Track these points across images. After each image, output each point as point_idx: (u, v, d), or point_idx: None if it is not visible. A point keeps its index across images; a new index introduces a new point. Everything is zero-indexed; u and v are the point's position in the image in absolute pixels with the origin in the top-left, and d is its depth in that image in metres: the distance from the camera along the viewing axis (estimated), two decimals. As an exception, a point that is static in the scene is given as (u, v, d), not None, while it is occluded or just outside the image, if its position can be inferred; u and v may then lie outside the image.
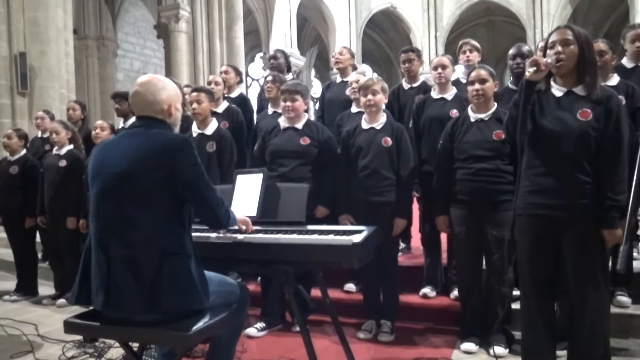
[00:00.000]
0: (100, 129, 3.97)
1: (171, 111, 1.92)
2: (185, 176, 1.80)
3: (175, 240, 1.79)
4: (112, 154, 1.85)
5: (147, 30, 14.13)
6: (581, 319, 2.08)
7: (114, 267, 1.74)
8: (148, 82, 1.92)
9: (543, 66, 2.02)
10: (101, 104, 12.18)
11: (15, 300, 4.31)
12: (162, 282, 1.72)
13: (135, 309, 1.74)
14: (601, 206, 2.03)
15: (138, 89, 1.92)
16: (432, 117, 3.27)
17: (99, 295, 1.76)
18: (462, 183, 2.70)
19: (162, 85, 1.93)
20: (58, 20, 7.60)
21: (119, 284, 1.73)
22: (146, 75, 1.99)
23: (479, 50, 3.88)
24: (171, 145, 1.80)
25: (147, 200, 1.76)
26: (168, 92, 1.93)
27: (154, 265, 1.72)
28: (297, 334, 2.90)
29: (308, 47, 18.91)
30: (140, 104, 1.91)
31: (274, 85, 3.82)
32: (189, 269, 1.79)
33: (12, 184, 4.42)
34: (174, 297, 1.73)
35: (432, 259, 3.38)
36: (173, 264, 1.75)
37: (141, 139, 1.83)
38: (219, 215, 1.92)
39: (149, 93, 1.90)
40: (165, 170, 1.77)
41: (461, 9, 17.36)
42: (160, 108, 1.90)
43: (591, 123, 2.05)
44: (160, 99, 1.90)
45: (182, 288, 1.76)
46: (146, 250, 1.74)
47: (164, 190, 1.77)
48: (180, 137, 1.90)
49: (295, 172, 3.02)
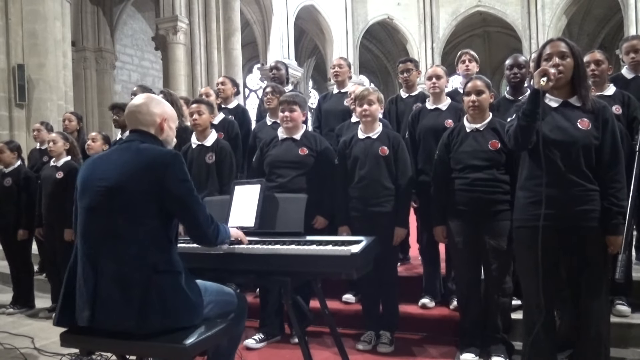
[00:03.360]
0: (92, 140, 3.96)
1: (163, 126, 1.92)
2: (175, 191, 1.78)
3: (165, 257, 1.78)
4: (102, 168, 1.83)
5: (145, 42, 14.21)
6: (583, 327, 2.08)
7: (102, 283, 1.72)
8: (144, 97, 1.95)
9: (552, 76, 2.02)
10: (99, 115, 12.20)
11: (11, 313, 4.28)
12: (152, 300, 1.70)
13: (123, 325, 1.71)
14: (606, 213, 2.04)
15: (134, 102, 1.94)
16: (427, 128, 3.29)
17: (85, 311, 1.74)
18: (459, 193, 2.70)
19: (158, 101, 1.95)
20: (56, 33, 7.64)
21: (106, 299, 1.71)
22: (143, 94, 2.02)
23: (477, 60, 3.93)
24: (161, 160, 1.79)
25: (136, 215, 1.75)
26: (163, 109, 1.94)
27: (143, 282, 1.71)
28: (295, 345, 2.88)
29: (305, 59, 19.03)
30: (134, 116, 1.91)
31: (273, 96, 3.84)
32: (179, 287, 1.77)
33: (6, 196, 4.40)
34: (163, 316, 1.72)
35: (431, 270, 3.37)
36: (162, 282, 1.73)
37: (131, 153, 1.82)
38: (207, 233, 1.90)
39: (144, 105, 1.91)
40: (155, 185, 1.75)
41: (457, 20, 17.52)
42: (152, 120, 1.90)
43: (592, 132, 2.08)
44: (154, 112, 1.90)
45: (172, 307, 1.74)
46: (136, 265, 1.72)
47: (153, 204, 1.76)
48: (171, 152, 1.89)
49: (293, 182, 3.02)
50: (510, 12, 16.83)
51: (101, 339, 1.80)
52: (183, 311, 1.76)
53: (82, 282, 1.77)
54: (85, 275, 1.76)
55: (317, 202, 2.95)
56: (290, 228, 2.37)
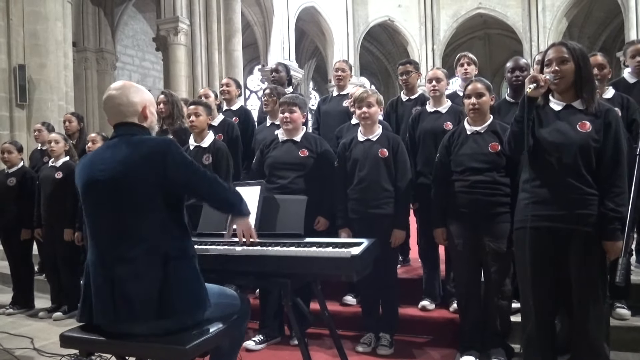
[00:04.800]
0: (92, 142, 3.94)
1: (146, 113, 1.90)
2: (179, 178, 1.79)
3: (176, 244, 1.79)
4: (99, 167, 1.81)
5: (146, 43, 14.22)
6: (582, 331, 2.07)
7: (120, 282, 1.72)
8: (122, 86, 1.90)
9: (542, 82, 2.05)
10: (100, 116, 12.20)
11: (10, 314, 4.28)
12: (171, 286, 1.72)
13: (147, 316, 1.72)
14: (603, 218, 2.03)
15: (111, 92, 1.89)
16: (426, 130, 3.29)
17: (107, 311, 1.74)
18: (459, 195, 2.70)
19: (135, 89, 1.92)
20: (57, 33, 7.65)
21: (126, 294, 1.72)
22: (119, 81, 1.98)
23: (476, 63, 3.92)
24: (158, 149, 1.78)
25: (142, 208, 1.75)
26: (141, 96, 1.91)
27: (159, 273, 1.72)
28: (295, 347, 2.88)
29: (306, 60, 19.04)
30: (115, 109, 1.88)
31: (270, 98, 3.84)
32: (195, 270, 1.80)
33: (9, 196, 4.40)
34: (185, 297, 1.74)
35: (430, 272, 3.37)
36: (178, 268, 1.75)
37: (125, 148, 1.79)
38: (229, 199, 1.94)
39: (123, 96, 1.87)
40: (157, 176, 1.75)
41: (458, 22, 17.54)
42: (134, 110, 1.87)
43: (591, 134, 2.07)
44: (134, 101, 1.88)
45: (192, 288, 1.77)
46: (149, 260, 1.73)
47: (158, 195, 1.76)
48: (166, 139, 1.88)
49: (294, 184, 3.02)
50: (511, 14, 16.85)
51: (102, 340, 1.81)
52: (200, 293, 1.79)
53: (100, 283, 1.76)
54: (101, 274, 1.76)
55: (318, 204, 2.95)
56: (290, 230, 2.37)
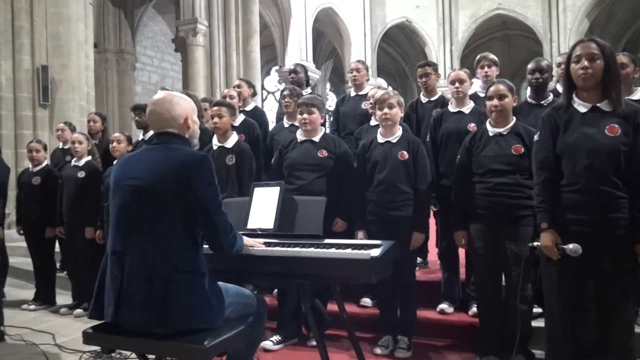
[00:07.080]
0: (117, 142, 3.99)
1: (188, 124, 1.94)
2: (199, 194, 1.80)
3: (188, 258, 1.79)
4: (133, 167, 1.87)
5: (165, 44, 14.39)
6: (610, 337, 2.03)
7: (127, 280, 1.75)
8: (162, 100, 1.93)
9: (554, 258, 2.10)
10: (120, 116, 12.39)
11: (33, 310, 4.36)
12: (171, 299, 1.72)
13: (145, 322, 1.74)
14: (634, 222, 1.99)
15: (153, 107, 1.93)
16: (449, 131, 3.26)
17: (110, 307, 1.77)
18: (480, 197, 2.67)
19: (176, 100, 1.94)
20: (79, 34, 7.78)
21: (130, 296, 1.74)
22: (160, 93, 2.00)
23: (497, 64, 3.83)
24: (190, 161, 1.81)
25: (163, 215, 1.77)
26: (182, 107, 1.94)
27: (165, 280, 1.73)
28: (313, 348, 2.88)
29: (323, 61, 19.05)
30: (158, 122, 1.92)
31: (290, 99, 3.84)
32: (202, 288, 1.78)
33: (33, 195, 4.48)
34: (183, 316, 1.73)
35: (450, 275, 3.34)
36: (183, 282, 1.75)
37: (161, 154, 1.84)
38: (223, 241, 1.90)
39: (165, 110, 1.91)
40: (183, 186, 1.77)
41: (476, 23, 17.37)
42: (177, 124, 1.91)
43: (620, 138, 2.02)
44: (176, 114, 1.91)
45: (193, 307, 1.75)
46: (160, 263, 1.74)
47: (179, 206, 1.78)
48: (200, 154, 1.90)
49: (313, 184, 3.02)
50: (531, 15, 16.62)
51: (123, 337, 1.83)
52: (204, 313, 1.77)
53: (110, 278, 1.80)
54: (113, 272, 1.79)
55: (337, 205, 2.95)
56: (309, 231, 2.37)
